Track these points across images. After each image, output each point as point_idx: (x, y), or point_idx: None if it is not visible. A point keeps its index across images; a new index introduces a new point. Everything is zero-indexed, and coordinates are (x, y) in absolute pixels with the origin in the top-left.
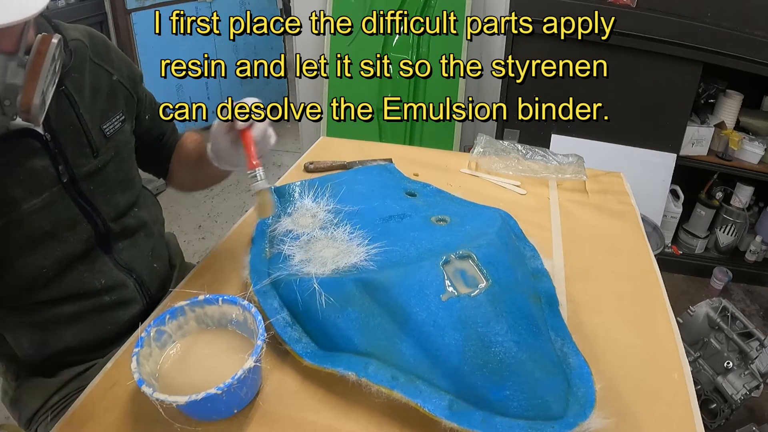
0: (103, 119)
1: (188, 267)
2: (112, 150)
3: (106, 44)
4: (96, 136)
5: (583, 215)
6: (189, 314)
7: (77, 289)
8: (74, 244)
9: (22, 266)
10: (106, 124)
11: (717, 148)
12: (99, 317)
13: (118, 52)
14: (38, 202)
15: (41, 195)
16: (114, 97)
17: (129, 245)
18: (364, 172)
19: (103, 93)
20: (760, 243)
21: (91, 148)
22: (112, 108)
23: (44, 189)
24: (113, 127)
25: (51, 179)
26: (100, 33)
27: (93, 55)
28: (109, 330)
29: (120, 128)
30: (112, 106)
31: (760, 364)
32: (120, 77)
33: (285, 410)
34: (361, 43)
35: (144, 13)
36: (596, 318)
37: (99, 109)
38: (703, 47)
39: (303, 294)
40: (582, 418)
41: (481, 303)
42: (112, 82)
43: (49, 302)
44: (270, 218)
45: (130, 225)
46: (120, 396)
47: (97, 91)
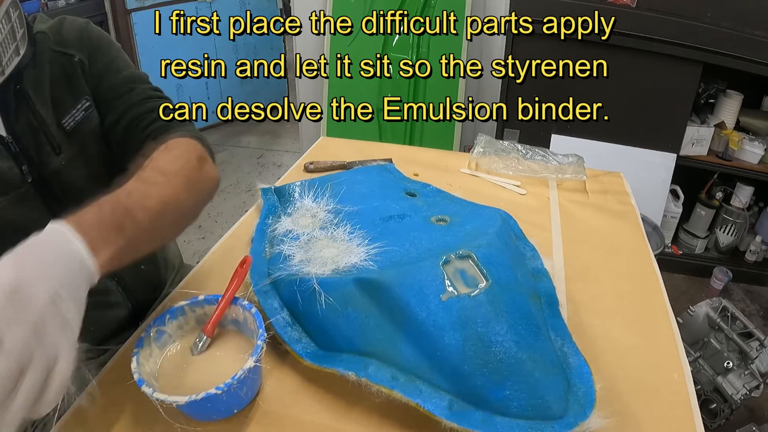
0: (62, 113)
1: (188, 269)
2: (76, 145)
3: (73, 26)
4: (56, 133)
5: (583, 215)
6: (189, 314)
7: None
8: None
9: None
10: (65, 117)
11: (717, 148)
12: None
13: (85, 30)
14: (4, 200)
15: (8, 194)
16: (76, 83)
17: None
18: (364, 172)
19: (63, 83)
20: (760, 243)
21: (52, 146)
22: (74, 96)
23: (10, 188)
24: (74, 120)
25: (17, 179)
26: (78, 18)
27: (54, 44)
28: (93, 332)
29: (84, 118)
30: (73, 94)
31: (760, 364)
32: (81, 55)
33: (285, 410)
34: (361, 43)
35: (144, 13)
36: (596, 318)
37: (58, 103)
38: (703, 47)
39: (303, 294)
40: (582, 418)
41: (481, 303)
42: (73, 64)
43: None
44: (270, 218)
45: None
46: (120, 396)
47: (58, 82)
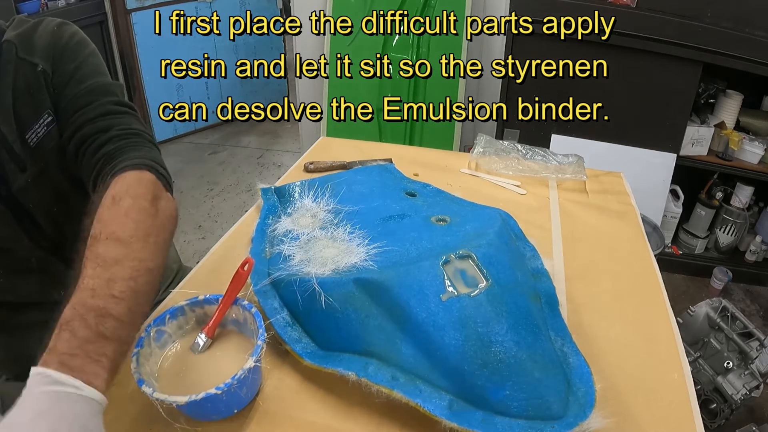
0: (25, 128)
1: (187, 270)
2: (41, 161)
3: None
4: (20, 150)
5: (583, 215)
6: (189, 314)
7: (38, 298)
8: (22, 256)
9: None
10: (28, 133)
11: (717, 148)
12: None
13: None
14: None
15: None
16: (38, 96)
17: None
18: (364, 172)
19: (26, 95)
20: (760, 243)
21: (16, 163)
22: (36, 110)
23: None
24: (36, 136)
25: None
26: (55, 20)
27: (22, 51)
28: None
29: (48, 133)
30: (36, 108)
31: (760, 364)
32: (44, 65)
33: (285, 410)
34: (361, 43)
35: (144, 13)
36: (596, 318)
37: (21, 117)
38: (703, 47)
39: (303, 294)
40: (582, 418)
41: (481, 303)
42: (36, 74)
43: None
44: (270, 218)
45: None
46: (120, 396)
47: (20, 94)
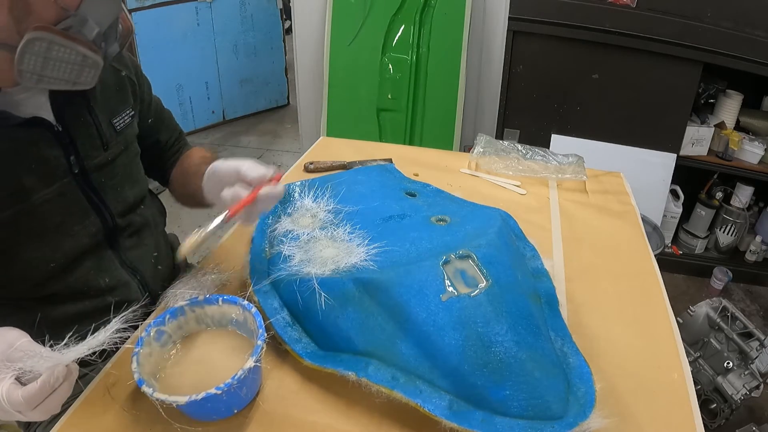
0: (113, 114)
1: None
2: (122, 144)
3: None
4: (106, 130)
5: (583, 215)
6: (189, 314)
7: (82, 287)
8: (83, 237)
9: (31, 259)
10: (116, 118)
11: (717, 148)
12: (100, 319)
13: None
14: (49, 192)
15: (52, 185)
16: (123, 93)
17: (135, 244)
18: (364, 172)
19: (112, 89)
20: (760, 243)
21: (102, 141)
22: (122, 103)
23: (55, 179)
24: (123, 122)
25: (62, 169)
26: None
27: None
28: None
29: (129, 123)
30: (122, 101)
31: (760, 364)
32: (128, 73)
33: (285, 410)
34: (361, 43)
35: (144, 13)
36: (596, 318)
37: (109, 104)
38: (703, 47)
39: (303, 294)
40: (582, 418)
41: (481, 303)
42: (120, 77)
43: (53, 300)
44: (270, 218)
45: (136, 222)
46: (120, 396)
47: (106, 86)
